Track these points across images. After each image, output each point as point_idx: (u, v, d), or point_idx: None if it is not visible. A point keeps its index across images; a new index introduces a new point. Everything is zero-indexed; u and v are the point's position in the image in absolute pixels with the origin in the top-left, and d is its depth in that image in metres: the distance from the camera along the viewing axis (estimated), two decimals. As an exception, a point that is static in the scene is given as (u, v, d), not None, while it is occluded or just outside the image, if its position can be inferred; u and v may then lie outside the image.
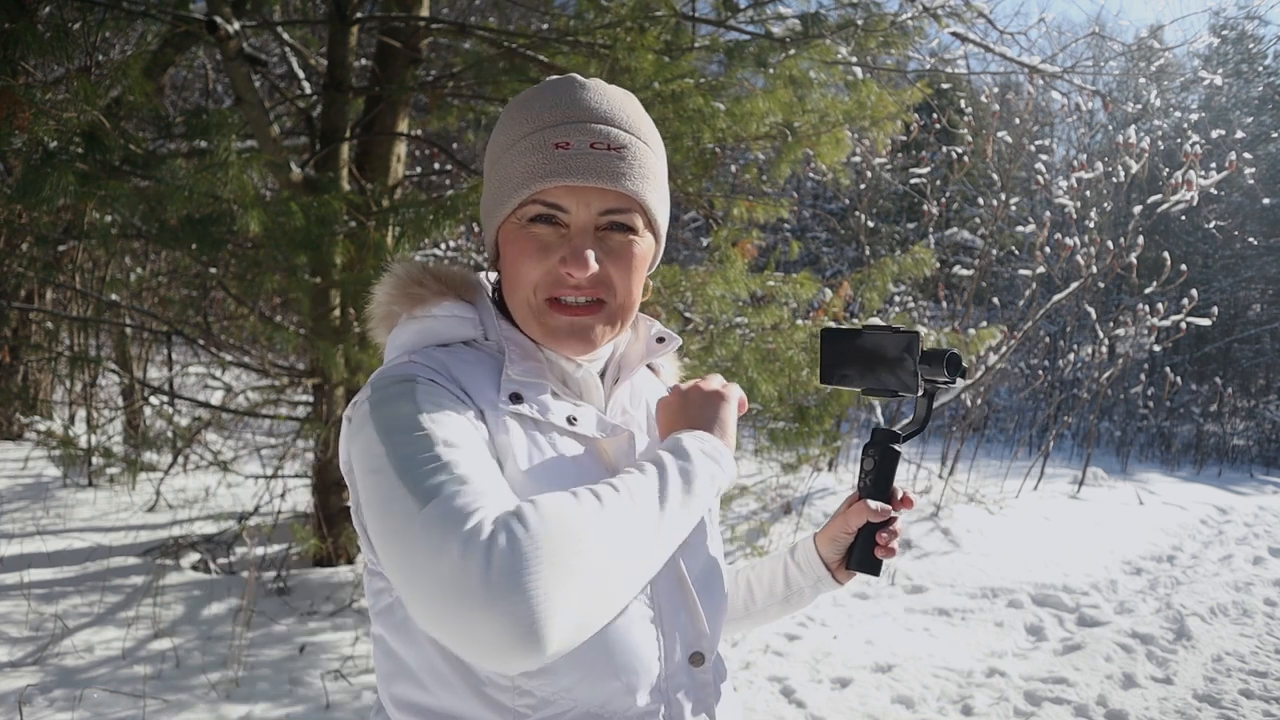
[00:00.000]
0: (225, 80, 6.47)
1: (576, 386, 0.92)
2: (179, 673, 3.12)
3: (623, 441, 0.88)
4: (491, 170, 0.88)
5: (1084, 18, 18.41)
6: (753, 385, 3.38)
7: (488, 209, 0.89)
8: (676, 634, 0.86)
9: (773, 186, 4.61)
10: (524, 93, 0.90)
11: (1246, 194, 14.32)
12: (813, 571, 1.07)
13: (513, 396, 0.83)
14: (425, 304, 0.90)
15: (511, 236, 0.86)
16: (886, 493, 1.03)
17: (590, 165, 0.82)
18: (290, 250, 3.15)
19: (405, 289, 0.91)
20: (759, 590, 1.12)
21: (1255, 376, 14.49)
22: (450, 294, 0.91)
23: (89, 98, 2.64)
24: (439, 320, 0.89)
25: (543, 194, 0.83)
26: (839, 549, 1.05)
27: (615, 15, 3.52)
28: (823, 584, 1.07)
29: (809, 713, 3.17)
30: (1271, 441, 11.53)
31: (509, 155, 0.85)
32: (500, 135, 0.88)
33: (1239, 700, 3.43)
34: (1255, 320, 14.69)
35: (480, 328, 0.90)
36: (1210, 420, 11.65)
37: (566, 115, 0.84)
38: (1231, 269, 14.85)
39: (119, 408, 5.99)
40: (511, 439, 0.81)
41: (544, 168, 0.82)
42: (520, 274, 0.85)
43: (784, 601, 1.10)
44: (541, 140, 0.83)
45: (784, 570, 1.10)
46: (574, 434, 0.87)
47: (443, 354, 0.86)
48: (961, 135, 9.25)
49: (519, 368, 0.86)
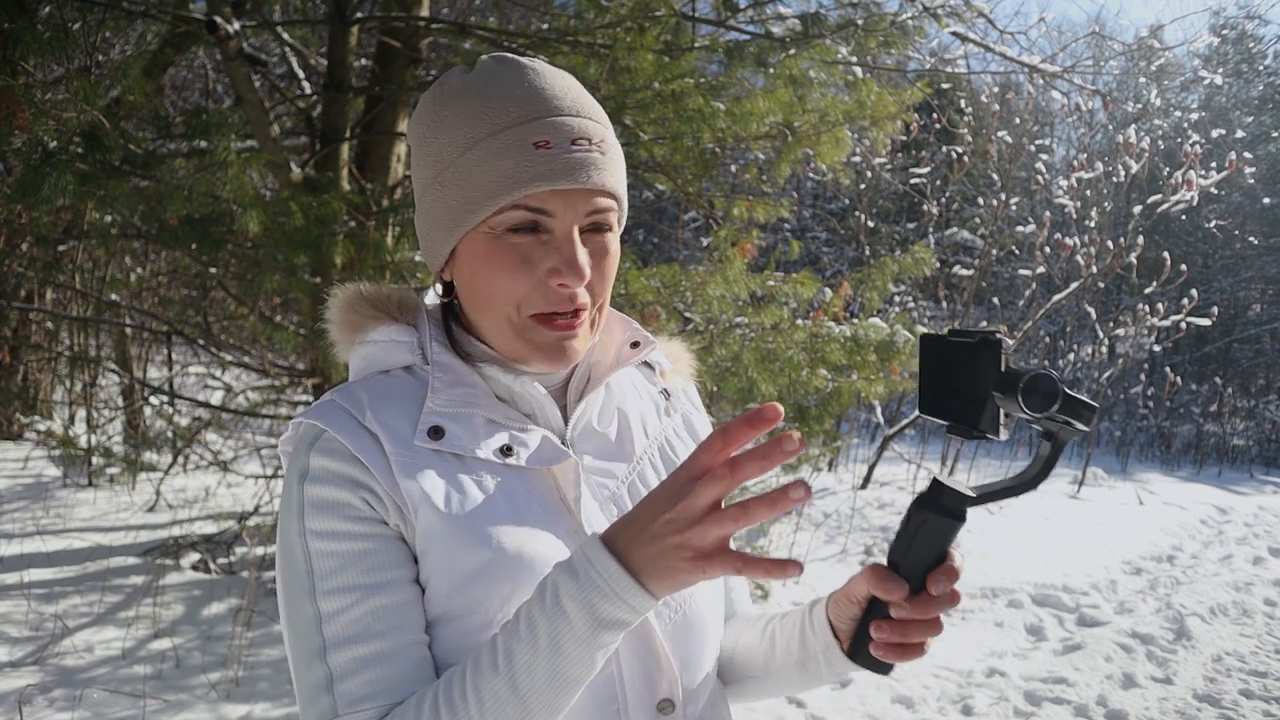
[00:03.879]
0: (225, 80, 6.47)
1: (525, 405, 0.82)
2: (179, 673, 3.12)
3: (568, 469, 0.79)
4: (443, 174, 0.77)
5: (1084, 17, 18.43)
6: (753, 385, 3.38)
7: (441, 218, 0.78)
8: (640, 683, 0.78)
9: (773, 186, 4.61)
10: (456, 81, 0.78)
11: (1246, 194, 14.32)
12: (822, 637, 0.85)
13: (432, 431, 0.77)
14: (364, 330, 0.84)
15: (483, 248, 0.77)
16: (921, 569, 0.73)
17: (576, 165, 0.74)
18: (290, 250, 3.15)
19: (343, 316, 0.86)
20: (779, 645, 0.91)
21: (1255, 376, 14.49)
22: (385, 318, 0.85)
23: (89, 98, 2.63)
24: (378, 346, 0.84)
25: (526, 199, 0.74)
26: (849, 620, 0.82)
27: (615, 15, 3.52)
28: (832, 657, 0.84)
29: (809, 713, 3.17)
30: (1271, 441, 11.53)
31: (471, 157, 0.75)
32: (446, 134, 0.77)
33: (1239, 700, 3.43)
34: (1255, 320, 14.68)
35: (418, 351, 0.83)
36: (1210, 420, 11.65)
37: (535, 109, 0.75)
38: (1231, 269, 14.84)
39: (119, 408, 5.99)
40: (425, 484, 0.74)
41: (525, 171, 0.73)
42: (498, 289, 0.77)
43: (800, 667, 0.88)
44: (516, 139, 0.74)
45: (800, 629, 0.88)
46: (510, 466, 0.78)
47: (365, 391, 0.79)
48: (961, 135, 9.25)
49: (443, 397, 0.78)
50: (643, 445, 0.89)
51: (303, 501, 0.75)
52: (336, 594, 0.72)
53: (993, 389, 0.68)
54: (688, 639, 0.82)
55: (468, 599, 0.74)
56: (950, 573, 0.73)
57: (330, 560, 0.73)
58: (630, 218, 11.93)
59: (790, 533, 5.43)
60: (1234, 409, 12.86)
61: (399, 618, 0.73)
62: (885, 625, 0.74)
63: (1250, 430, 11.88)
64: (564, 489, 0.80)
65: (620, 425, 0.88)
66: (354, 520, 0.74)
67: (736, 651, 0.96)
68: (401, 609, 0.73)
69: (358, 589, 0.72)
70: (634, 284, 3.19)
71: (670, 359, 1.00)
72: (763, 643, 0.93)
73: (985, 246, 8.18)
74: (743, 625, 0.98)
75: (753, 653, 0.94)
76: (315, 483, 0.75)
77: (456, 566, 0.74)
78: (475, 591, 0.74)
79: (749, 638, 0.95)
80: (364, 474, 0.75)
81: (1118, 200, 10.30)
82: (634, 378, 0.95)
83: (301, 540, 0.74)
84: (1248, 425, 12.11)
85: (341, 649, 0.71)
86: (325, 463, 0.75)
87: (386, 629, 0.72)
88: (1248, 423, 12.23)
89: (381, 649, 0.71)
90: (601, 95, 3.52)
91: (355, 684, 0.70)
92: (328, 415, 0.77)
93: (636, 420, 0.90)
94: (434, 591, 0.74)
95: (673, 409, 0.95)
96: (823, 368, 3.60)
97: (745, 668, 0.94)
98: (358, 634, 0.71)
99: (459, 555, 0.74)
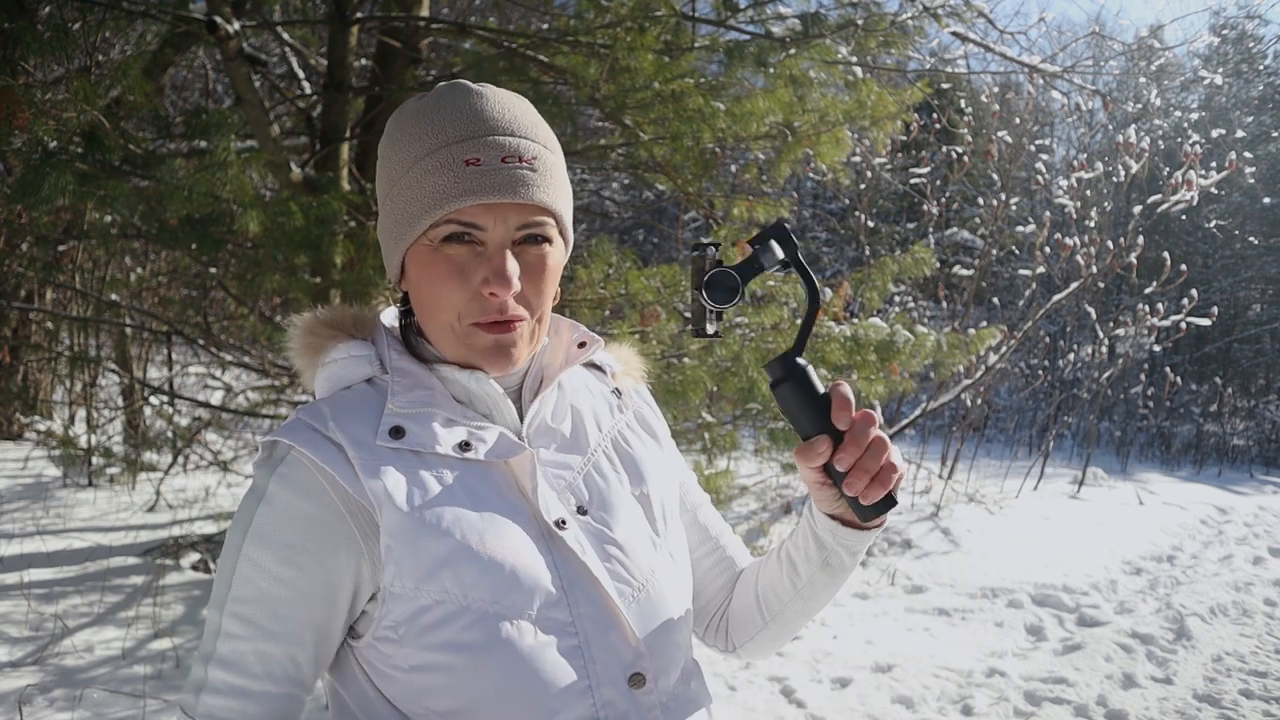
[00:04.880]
0: (225, 80, 6.47)
1: (483, 405, 0.87)
2: (179, 673, 3.12)
3: (524, 461, 0.84)
4: (392, 190, 0.84)
5: (1084, 17, 18.41)
6: (753, 385, 3.38)
7: (391, 231, 0.85)
8: (608, 657, 0.81)
9: (773, 186, 4.62)
10: (411, 105, 0.85)
11: (1246, 194, 14.31)
12: (824, 523, 0.91)
13: (393, 431, 0.81)
14: (324, 351, 0.88)
15: (424, 259, 0.82)
16: (819, 423, 0.81)
17: (504, 181, 0.80)
18: (290, 250, 3.15)
19: (304, 341, 0.90)
20: (798, 559, 0.96)
21: (1255, 376, 14.48)
22: (342, 335, 0.89)
23: (89, 98, 2.63)
24: (339, 364, 0.87)
25: (457, 214, 0.80)
26: (831, 501, 0.88)
27: (615, 15, 3.52)
28: (840, 536, 0.90)
29: (809, 713, 3.17)
30: (1271, 441, 11.53)
31: (412, 175, 0.82)
32: (397, 153, 0.84)
33: (1239, 700, 3.43)
34: (1255, 320, 14.68)
35: (377, 362, 0.88)
36: (1210, 420, 11.65)
37: (471, 129, 0.81)
38: (1231, 269, 14.84)
39: (119, 408, 5.99)
40: (387, 481, 0.77)
41: (456, 186, 0.79)
42: (438, 299, 0.82)
43: (824, 566, 0.94)
44: (449, 157, 0.80)
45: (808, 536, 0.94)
46: (468, 461, 0.83)
47: (329, 405, 0.82)
48: (961, 135, 9.25)
49: (403, 399, 0.83)
50: (596, 439, 0.94)
51: (249, 523, 0.79)
52: (239, 620, 0.78)
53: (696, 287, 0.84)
54: (653, 616, 0.86)
55: (435, 588, 0.77)
56: (841, 403, 0.81)
57: (248, 588, 0.78)
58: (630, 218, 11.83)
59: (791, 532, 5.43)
60: (1234, 409, 12.85)
61: (278, 668, 0.78)
62: (850, 477, 0.81)
63: (1250, 430, 11.88)
64: (521, 480, 0.84)
65: (574, 421, 0.93)
66: (286, 563, 0.77)
67: (764, 590, 1.02)
68: (285, 661, 0.79)
69: (256, 627, 0.78)
70: (634, 284, 3.19)
71: (621, 362, 1.06)
72: (783, 569, 0.99)
73: (985, 246, 8.18)
74: (755, 570, 1.05)
75: (779, 582, 0.99)
76: (270, 511, 0.78)
77: (421, 557, 0.77)
78: (442, 580, 0.77)
79: (768, 574, 1.01)
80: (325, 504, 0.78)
81: (1118, 200, 10.30)
82: (586, 379, 1.00)
83: (235, 554, 0.79)
84: (1248, 425, 12.11)
85: (222, 668, 0.78)
86: (285, 494, 0.78)
87: (262, 673, 0.78)
88: (1248, 423, 12.23)
89: (253, 688, 0.78)
90: (601, 95, 3.52)
91: (219, 702, 0.78)
92: (292, 431, 0.80)
93: (589, 416, 0.95)
94: (401, 589, 0.77)
95: (624, 406, 1.01)
96: (823, 368, 3.61)
97: (780, 598, 1.00)
98: (239, 664, 0.78)
99: (422, 546, 0.77)
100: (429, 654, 0.77)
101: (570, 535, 0.83)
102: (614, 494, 0.90)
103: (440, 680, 0.77)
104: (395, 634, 0.77)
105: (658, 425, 1.04)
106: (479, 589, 0.77)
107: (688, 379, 3.27)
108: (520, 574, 0.79)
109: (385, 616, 0.78)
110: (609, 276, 3.24)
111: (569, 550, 0.82)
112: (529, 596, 0.79)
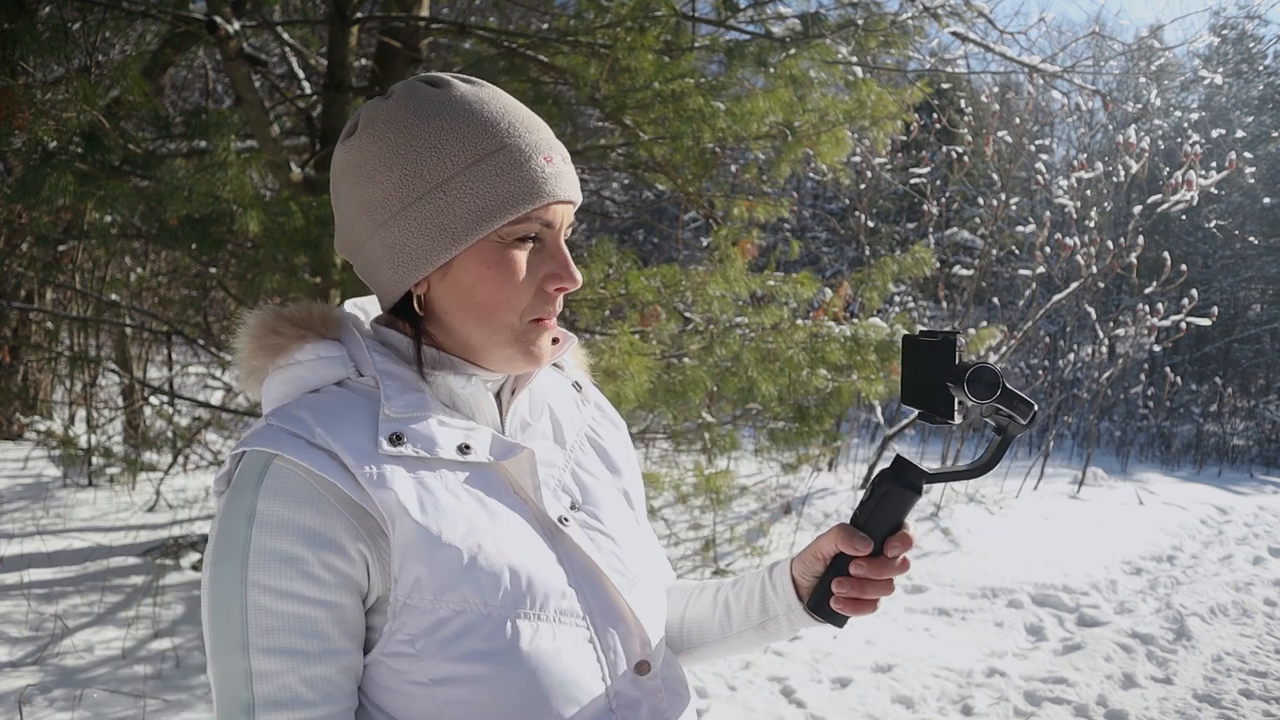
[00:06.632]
0: (225, 80, 6.47)
1: (467, 407, 0.84)
2: (179, 673, 3.12)
3: (523, 460, 0.83)
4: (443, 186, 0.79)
5: (1084, 17, 18.43)
6: (753, 385, 3.38)
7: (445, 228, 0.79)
8: (618, 648, 0.82)
9: (773, 186, 4.62)
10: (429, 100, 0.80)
11: (1246, 194, 14.31)
12: (785, 597, 0.94)
13: (393, 438, 0.77)
14: (286, 351, 0.83)
15: (494, 256, 0.80)
16: (880, 534, 0.86)
17: (571, 180, 0.83)
18: (290, 250, 3.15)
19: (261, 340, 0.84)
20: (735, 611, 0.99)
21: (1255, 376, 14.48)
22: (310, 335, 0.84)
23: (89, 98, 2.63)
24: (304, 366, 0.82)
25: (539, 211, 0.80)
26: (812, 576, 0.92)
27: (615, 15, 3.52)
28: (795, 615, 0.94)
29: (809, 713, 3.17)
30: (1271, 441, 11.53)
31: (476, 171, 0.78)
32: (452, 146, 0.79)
33: (1239, 700, 3.43)
34: (1255, 320, 14.68)
35: (350, 364, 0.83)
36: (1210, 420, 11.65)
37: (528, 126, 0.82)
38: (1231, 269, 14.84)
39: (119, 408, 5.99)
40: (397, 492, 0.74)
41: (538, 184, 0.79)
42: (506, 299, 0.81)
43: (760, 629, 0.98)
44: (521, 155, 0.79)
45: (761, 592, 0.97)
46: (469, 464, 0.81)
47: (307, 410, 0.77)
48: (961, 135, 9.25)
49: (398, 403, 0.79)
50: (573, 434, 0.94)
51: (248, 548, 0.72)
52: (272, 655, 0.72)
53: (948, 379, 0.81)
54: (647, 603, 0.87)
55: (455, 599, 0.75)
56: (904, 540, 0.86)
57: (270, 618, 0.72)
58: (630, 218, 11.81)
59: (790, 533, 5.43)
60: (1234, 409, 12.85)
61: (331, 688, 0.73)
62: (846, 582, 0.86)
63: (1250, 430, 11.88)
64: (519, 480, 0.84)
65: (551, 418, 0.94)
66: (303, 579, 0.72)
67: (687, 621, 1.03)
68: (335, 679, 0.74)
69: (294, 655, 0.72)
70: (634, 284, 3.19)
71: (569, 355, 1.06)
72: (716, 611, 1.01)
73: (985, 246, 8.18)
74: (684, 596, 1.05)
75: (707, 621, 1.01)
76: (266, 530, 0.72)
77: (440, 569, 0.74)
78: (462, 590, 0.75)
79: (699, 608, 1.02)
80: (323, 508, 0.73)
81: (1118, 200, 10.30)
82: (550, 375, 0.99)
83: (241, 589, 0.72)
84: (1248, 425, 12.11)
85: (270, 711, 0.71)
86: (278, 508, 0.73)
87: (318, 699, 0.73)
88: (1248, 423, 12.23)
89: (315, 716, 0.72)
90: (601, 95, 3.52)
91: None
92: (275, 440, 0.74)
93: (562, 412, 0.95)
94: (419, 601, 0.74)
95: (585, 400, 1.01)
96: (823, 368, 3.61)
97: (700, 635, 1.02)
98: (289, 699, 0.72)
99: (440, 557, 0.74)
100: (451, 665, 0.75)
101: (573, 532, 0.84)
102: (599, 487, 0.91)
103: (464, 692, 0.75)
104: (412, 648, 0.75)
105: (615, 416, 1.05)
106: (499, 596, 0.76)
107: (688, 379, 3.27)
108: (535, 576, 0.79)
109: (399, 630, 0.75)
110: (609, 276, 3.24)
111: (574, 547, 0.83)
112: (545, 598, 0.79)
